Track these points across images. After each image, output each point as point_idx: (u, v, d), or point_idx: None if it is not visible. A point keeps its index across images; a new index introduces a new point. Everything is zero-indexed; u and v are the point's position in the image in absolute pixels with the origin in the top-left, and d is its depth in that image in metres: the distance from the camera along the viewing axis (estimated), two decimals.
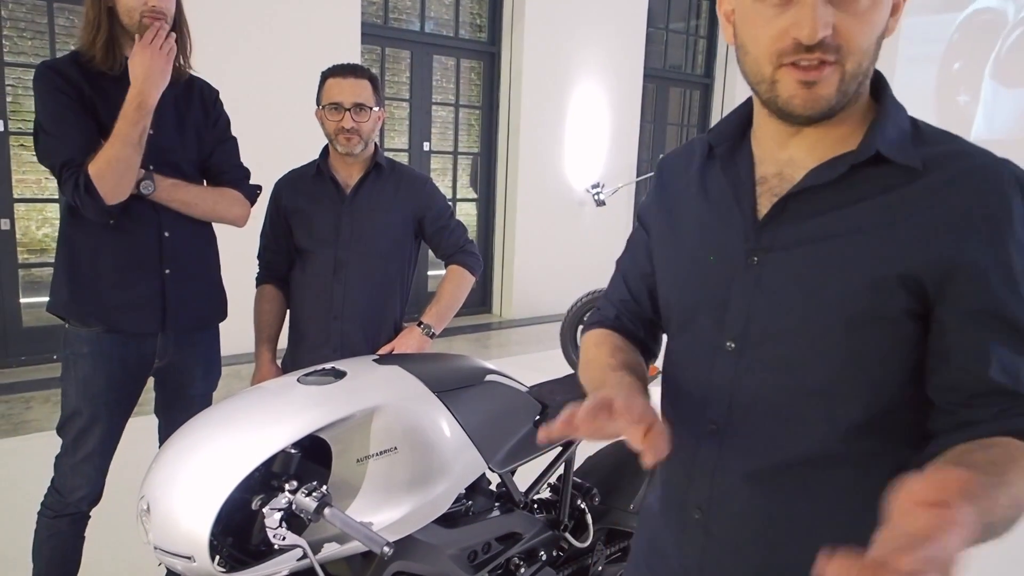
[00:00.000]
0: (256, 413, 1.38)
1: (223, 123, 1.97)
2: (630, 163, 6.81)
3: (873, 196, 0.78)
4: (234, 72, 4.42)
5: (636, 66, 6.65)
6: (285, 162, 2.23)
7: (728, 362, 0.85)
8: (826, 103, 0.76)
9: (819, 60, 0.74)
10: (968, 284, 0.74)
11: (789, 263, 0.81)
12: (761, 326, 0.83)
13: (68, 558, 1.86)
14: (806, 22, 0.73)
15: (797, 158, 0.83)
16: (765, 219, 0.84)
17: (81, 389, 1.77)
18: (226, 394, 1.62)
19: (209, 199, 1.86)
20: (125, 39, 1.71)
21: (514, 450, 1.66)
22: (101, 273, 1.75)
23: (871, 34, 0.75)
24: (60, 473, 1.80)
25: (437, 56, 5.76)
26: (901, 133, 0.80)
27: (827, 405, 0.80)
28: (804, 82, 0.76)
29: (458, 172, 6.11)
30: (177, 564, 1.24)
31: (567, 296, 5.02)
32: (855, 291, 0.77)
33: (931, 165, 0.77)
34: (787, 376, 0.81)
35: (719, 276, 0.87)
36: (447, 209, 2.15)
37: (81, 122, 1.67)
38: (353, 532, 1.18)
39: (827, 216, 0.80)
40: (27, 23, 4.12)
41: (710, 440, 0.87)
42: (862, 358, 0.78)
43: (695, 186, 0.93)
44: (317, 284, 2.03)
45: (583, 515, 1.85)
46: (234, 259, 1.93)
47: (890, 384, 0.79)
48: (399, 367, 1.59)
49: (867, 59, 0.76)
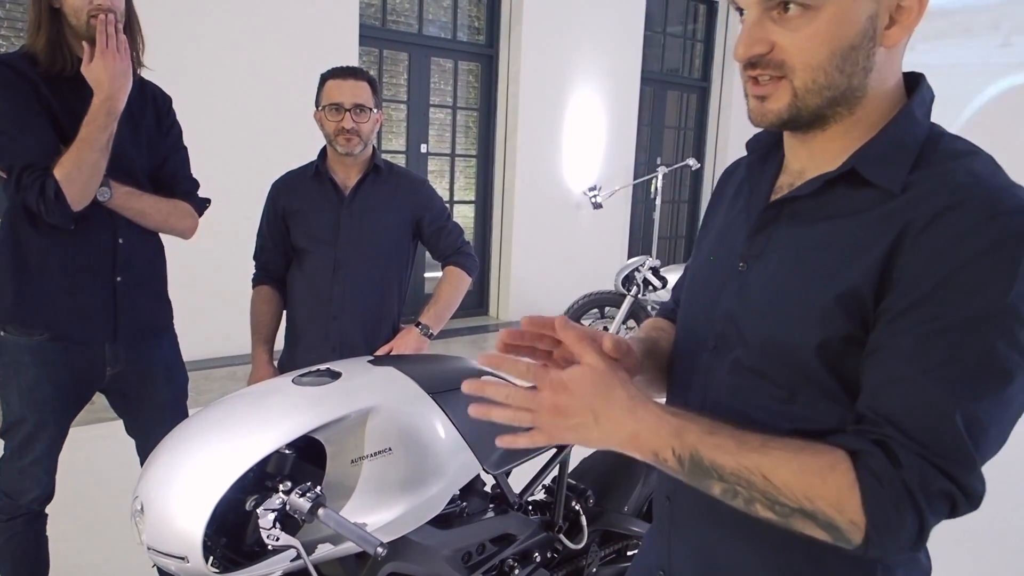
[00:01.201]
0: (250, 414, 1.38)
1: (176, 132, 1.92)
2: (627, 166, 6.81)
3: (847, 215, 0.77)
4: (232, 74, 4.43)
5: (633, 69, 6.66)
6: (282, 163, 2.24)
7: (708, 361, 0.88)
8: (776, 117, 0.78)
9: (766, 75, 0.76)
10: (892, 304, 0.72)
11: (764, 272, 0.83)
12: (737, 331, 0.85)
13: (33, 558, 1.84)
14: (741, 39, 0.76)
15: (807, 169, 0.84)
16: (758, 226, 0.85)
17: (26, 396, 1.72)
18: (222, 395, 1.62)
19: (163, 210, 1.82)
20: (75, 40, 1.67)
21: (508, 451, 1.66)
22: (51, 279, 1.70)
23: (821, 49, 0.74)
24: (7, 477, 1.77)
25: (435, 58, 5.76)
26: (898, 149, 0.77)
27: (788, 413, 0.80)
28: (756, 96, 0.79)
29: (455, 174, 6.12)
30: (171, 565, 1.24)
31: (564, 298, 5.02)
32: (807, 312, 0.77)
33: (912, 186, 0.74)
34: (753, 382, 0.83)
35: (717, 277, 0.90)
36: (444, 211, 2.17)
37: (39, 123, 1.62)
38: (347, 533, 1.18)
39: (804, 229, 0.81)
40: (11, 21, 4.12)
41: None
42: (808, 374, 0.78)
43: (733, 189, 0.97)
44: (316, 284, 2.04)
45: (578, 517, 1.86)
46: (226, 261, 1.95)
47: (837, 398, 0.78)
48: (394, 368, 1.59)
49: (823, 75, 0.75)
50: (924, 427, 0.69)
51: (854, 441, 0.72)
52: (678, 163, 6.41)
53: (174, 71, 2.11)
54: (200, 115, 2.09)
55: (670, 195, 7.59)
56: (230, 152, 4.27)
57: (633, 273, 4.40)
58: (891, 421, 0.71)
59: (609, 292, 4.59)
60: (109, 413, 1.94)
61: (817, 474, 0.70)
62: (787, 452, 0.72)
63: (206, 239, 2.35)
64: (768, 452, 0.72)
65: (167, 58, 2.11)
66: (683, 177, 7.77)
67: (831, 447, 0.72)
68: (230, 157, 4.25)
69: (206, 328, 3.03)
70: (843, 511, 0.70)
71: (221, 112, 4.30)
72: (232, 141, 4.30)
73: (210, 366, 4.37)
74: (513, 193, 6.07)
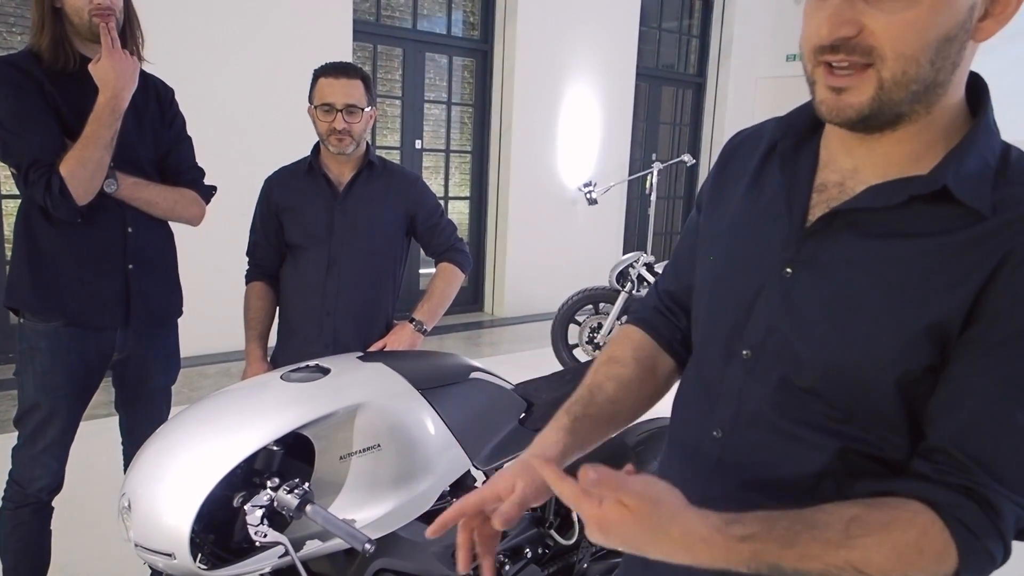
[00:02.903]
0: (238, 410, 1.38)
1: (179, 122, 1.97)
2: (622, 162, 6.81)
3: (930, 235, 0.71)
4: (225, 69, 4.41)
5: (629, 65, 6.66)
6: (276, 158, 2.23)
7: (741, 370, 0.81)
8: (855, 113, 0.70)
9: (847, 62, 0.69)
10: (975, 337, 0.68)
11: (822, 284, 0.76)
12: (779, 342, 0.78)
13: (36, 550, 1.86)
14: (825, 18, 0.68)
15: (862, 169, 0.77)
16: (810, 230, 0.77)
17: (40, 382, 1.77)
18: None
19: (170, 198, 1.88)
20: (77, 38, 1.72)
21: (499, 447, 1.66)
22: (65, 268, 1.76)
23: (918, 37, 0.67)
24: (18, 464, 1.81)
25: (429, 54, 5.75)
26: (983, 167, 0.71)
27: (834, 434, 0.75)
28: (832, 87, 0.71)
29: (450, 170, 6.11)
30: (158, 561, 1.24)
31: (559, 294, 5.02)
32: (884, 337, 0.71)
33: (1000, 208, 0.69)
34: (805, 401, 0.76)
35: (750, 279, 0.82)
36: (438, 208, 2.17)
37: (45, 120, 1.67)
38: (335, 529, 1.18)
39: (874, 243, 0.73)
40: (16, 18, 4.10)
41: (712, 445, 0.84)
42: (876, 401, 0.73)
43: (750, 178, 0.87)
44: (310, 281, 2.04)
45: (569, 512, 1.86)
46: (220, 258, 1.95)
47: (899, 429, 0.74)
48: (383, 364, 1.59)
49: (915, 67, 0.68)
50: (1020, 476, 0.69)
51: (942, 494, 0.69)
52: (673, 159, 6.41)
53: (168, 67, 2.10)
54: (193, 110, 2.08)
55: (665, 191, 7.59)
56: (224, 148, 4.25)
57: (628, 269, 4.43)
58: (982, 464, 0.69)
59: (604, 288, 4.60)
60: (101, 410, 1.94)
61: (913, 549, 0.67)
62: (875, 537, 0.66)
63: (199, 235, 2.34)
64: (855, 544, 0.66)
65: (162, 54, 2.10)
66: (678, 173, 7.77)
67: (915, 505, 0.69)
68: (224, 153, 4.23)
69: (200, 324, 3.04)
70: (940, 569, 0.68)
71: (214, 107, 4.29)
72: (225, 137, 4.28)
73: (204, 362, 4.37)
74: (508, 189, 6.07)
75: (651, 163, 6.35)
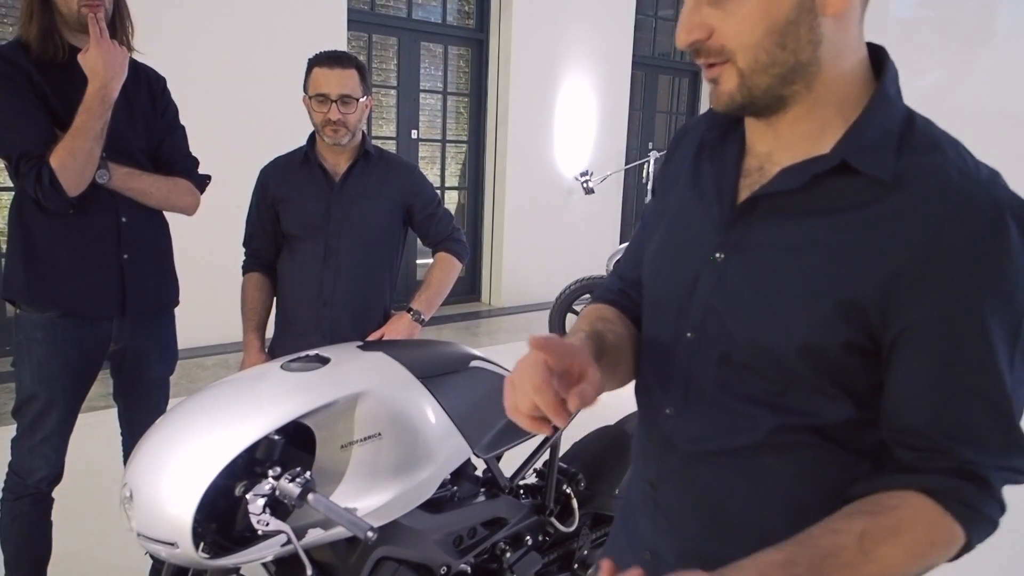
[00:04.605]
0: (239, 399, 1.38)
1: (172, 111, 1.96)
2: (619, 151, 6.80)
3: (837, 211, 0.74)
4: (219, 57, 4.38)
5: (625, 53, 6.63)
6: (271, 148, 2.22)
7: (687, 351, 0.85)
8: (730, 99, 0.76)
9: (708, 61, 0.75)
10: (925, 319, 0.71)
11: (748, 266, 0.80)
12: (717, 323, 0.82)
13: (36, 540, 1.87)
14: (680, 26, 0.75)
15: (775, 152, 0.81)
16: (734, 216, 0.82)
17: (37, 373, 1.77)
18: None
19: (163, 188, 1.87)
20: (65, 28, 1.71)
21: (499, 435, 1.67)
22: (59, 259, 1.75)
23: (756, 27, 0.72)
24: (18, 455, 1.81)
25: (425, 43, 5.72)
26: (884, 136, 0.74)
27: (770, 410, 0.79)
28: (709, 80, 0.77)
29: (446, 160, 6.09)
30: (161, 551, 1.24)
31: (556, 284, 5.02)
32: (798, 315, 0.75)
33: (906, 179, 0.72)
34: (744, 376, 0.80)
35: (689, 265, 0.86)
36: (435, 197, 2.16)
37: (34, 112, 1.66)
38: (337, 518, 1.18)
39: (791, 223, 0.77)
40: (6, 8, 4.06)
41: (665, 423, 0.89)
42: (801, 374, 0.76)
43: (689, 165, 0.92)
44: (307, 271, 2.03)
45: (569, 500, 1.87)
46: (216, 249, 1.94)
47: (837, 400, 0.77)
48: (383, 353, 1.59)
49: (764, 53, 0.72)
50: (1001, 442, 0.73)
51: (935, 481, 0.72)
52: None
53: (160, 55, 2.09)
54: (187, 101, 2.07)
55: None
56: (218, 138, 4.23)
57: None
58: (962, 441, 0.72)
59: (601, 277, 4.60)
60: (99, 402, 1.94)
61: (924, 543, 0.71)
62: (889, 546, 0.70)
63: (195, 226, 2.33)
64: (872, 559, 0.69)
65: (154, 42, 2.09)
66: None
67: (912, 498, 0.72)
68: (218, 143, 4.19)
69: (197, 315, 3.04)
70: (951, 550, 0.73)
71: (208, 97, 4.26)
72: (220, 127, 4.26)
73: (201, 354, 4.36)
74: (504, 179, 6.06)
75: (648, 152, 6.34)
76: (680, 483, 0.88)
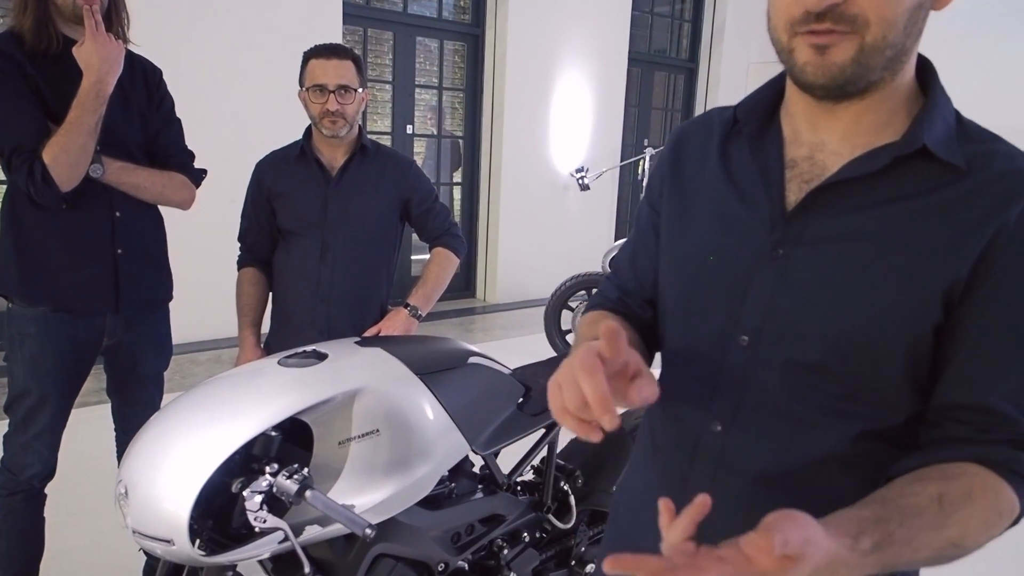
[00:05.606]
0: (236, 395, 1.36)
1: (168, 105, 1.93)
2: (615, 147, 6.79)
3: (915, 195, 0.74)
4: (215, 51, 4.35)
5: (621, 50, 6.62)
6: (266, 144, 2.20)
7: (740, 357, 0.81)
8: (839, 72, 0.71)
9: (832, 30, 0.70)
10: (990, 293, 0.72)
11: (818, 260, 0.77)
12: (780, 324, 0.78)
13: (30, 536, 1.86)
14: None
15: (829, 142, 0.79)
16: (796, 209, 0.78)
17: (29, 368, 1.75)
18: (207, 379, 1.60)
19: (158, 182, 1.85)
20: (60, 19, 1.68)
21: (497, 432, 1.66)
22: (52, 253, 1.74)
23: (898, 3, 0.69)
24: (10, 451, 1.79)
25: (420, 38, 5.69)
26: (947, 128, 0.75)
27: (843, 411, 0.76)
28: (816, 46, 0.71)
29: (441, 155, 6.07)
30: (157, 548, 1.23)
31: (551, 280, 5.02)
32: (887, 301, 0.73)
33: (974, 165, 0.74)
34: (812, 380, 0.77)
35: (739, 266, 0.81)
36: (432, 192, 2.15)
37: (27, 105, 1.64)
38: (335, 514, 1.17)
39: (863, 213, 0.75)
40: None
41: (713, 439, 0.83)
42: (886, 368, 0.74)
43: (715, 165, 0.87)
44: (303, 266, 2.02)
45: (566, 497, 1.86)
46: (211, 243, 1.93)
47: (911, 394, 0.76)
48: (381, 349, 1.58)
49: (894, 31, 0.70)
50: None
51: (994, 452, 0.73)
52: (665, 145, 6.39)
53: (155, 48, 2.06)
54: (182, 95, 2.05)
55: None
56: (213, 133, 4.20)
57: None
58: (1018, 412, 0.72)
59: (597, 274, 4.59)
60: (93, 397, 1.92)
61: (993, 511, 0.71)
62: (966, 509, 0.69)
63: (190, 221, 2.31)
64: (953, 521, 0.69)
65: (149, 35, 2.07)
66: None
67: (974, 468, 0.72)
68: (213, 138, 4.17)
69: (191, 310, 3.02)
70: (1009, 521, 0.73)
71: (203, 92, 4.23)
72: (215, 122, 4.23)
73: (195, 349, 4.34)
74: (500, 175, 6.04)
75: (643, 148, 6.33)
76: (738, 507, 0.81)
